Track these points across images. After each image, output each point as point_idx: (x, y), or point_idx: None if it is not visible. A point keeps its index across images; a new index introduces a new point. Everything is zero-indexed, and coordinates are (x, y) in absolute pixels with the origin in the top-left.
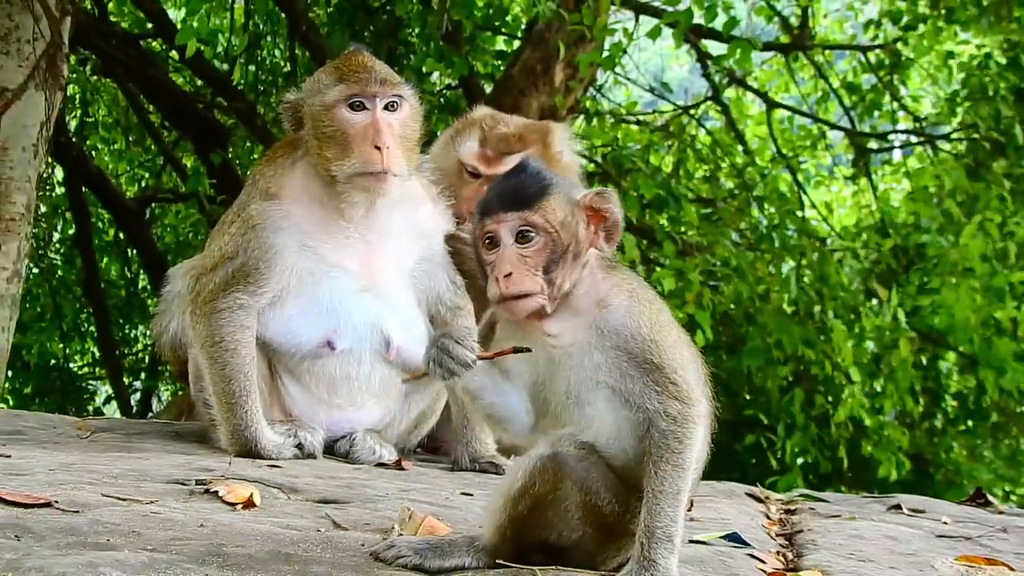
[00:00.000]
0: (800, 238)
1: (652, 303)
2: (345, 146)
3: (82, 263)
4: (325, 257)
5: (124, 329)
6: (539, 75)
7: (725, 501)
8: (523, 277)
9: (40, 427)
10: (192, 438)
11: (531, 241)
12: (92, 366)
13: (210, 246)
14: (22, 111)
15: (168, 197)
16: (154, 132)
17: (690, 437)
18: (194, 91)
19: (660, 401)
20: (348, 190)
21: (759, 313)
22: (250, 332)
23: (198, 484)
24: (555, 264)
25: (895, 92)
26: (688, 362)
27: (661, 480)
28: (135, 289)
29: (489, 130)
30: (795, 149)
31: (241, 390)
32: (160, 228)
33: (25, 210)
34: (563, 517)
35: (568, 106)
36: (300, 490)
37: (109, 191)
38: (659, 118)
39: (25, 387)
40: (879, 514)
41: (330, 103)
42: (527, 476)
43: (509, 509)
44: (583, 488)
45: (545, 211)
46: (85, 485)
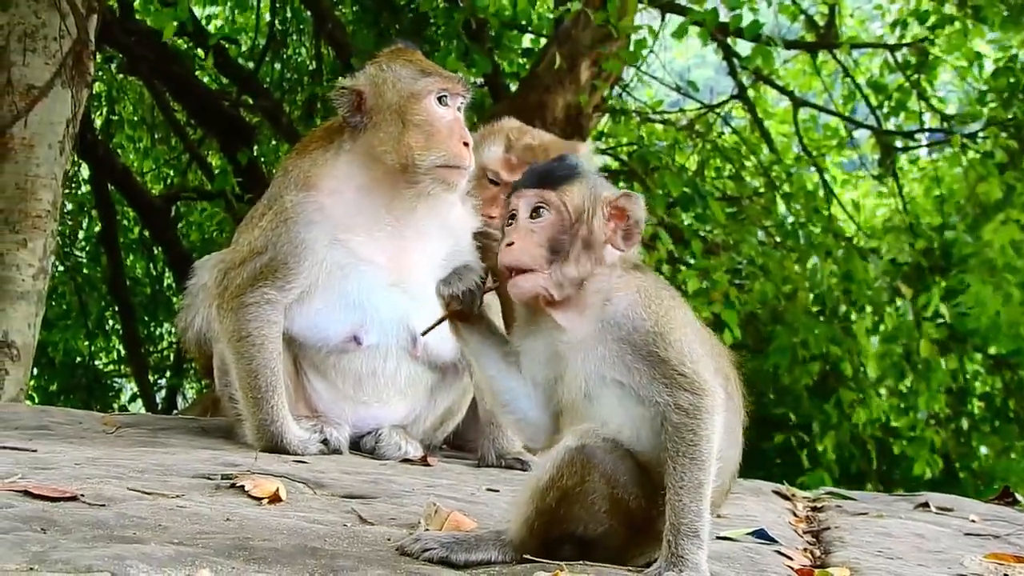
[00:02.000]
0: (826, 236)
1: (663, 299)
2: (431, 137)
3: (107, 261)
4: (355, 251)
5: (149, 327)
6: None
7: (751, 498)
8: (525, 248)
9: (66, 422)
10: (218, 433)
11: (542, 217)
12: (117, 363)
13: (239, 239)
14: (48, 109)
15: (193, 195)
16: (179, 130)
17: (705, 428)
18: (219, 89)
19: (670, 394)
20: (424, 180)
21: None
22: (277, 327)
23: (224, 479)
24: (561, 246)
25: (922, 91)
26: (701, 355)
27: (680, 474)
28: (160, 287)
29: (515, 140)
30: (820, 147)
31: (267, 385)
32: (185, 226)
33: (51, 207)
34: (590, 510)
35: (594, 104)
36: (326, 485)
37: (135, 189)
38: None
39: (50, 384)
40: (907, 512)
41: (419, 93)
42: (555, 468)
43: (536, 502)
44: (611, 481)
45: (563, 193)
46: (111, 479)
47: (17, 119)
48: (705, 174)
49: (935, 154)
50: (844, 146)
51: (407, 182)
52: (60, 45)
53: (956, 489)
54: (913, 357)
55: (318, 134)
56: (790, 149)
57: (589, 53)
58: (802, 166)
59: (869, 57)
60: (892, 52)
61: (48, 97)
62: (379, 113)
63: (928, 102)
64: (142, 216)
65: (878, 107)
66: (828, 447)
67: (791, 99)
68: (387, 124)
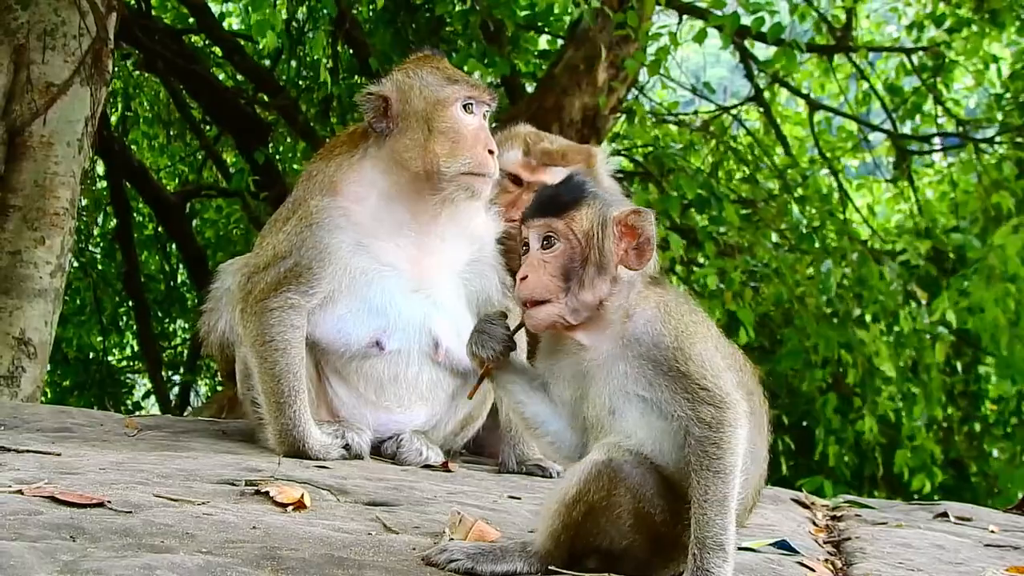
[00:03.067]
0: (841, 240)
1: (683, 314)
2: (456, 144)
3: (122, 257)
4: (379, 256)
5: (163, 323)
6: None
7: (771, 507)
8: (538, 281)
9: (87, 424)
10: (238, 436)
11: (552, 247)
12: (131, 360)
13: (262, 243)
14: (68, 106)
15: (209, 193)
16: (195, 127)
17: (728, 441)
18: (236, 86)
19: (692, 408)
20: (449, 187)
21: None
22: (300, 332)
23: (248, 485)
24: (574, 272)
25: (938, 94)
26: (722, 368)
27: (704, 488)
28: (175, 284)
29: (533, 144)
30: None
31: (290, 390)
32: (200, 223)
33: (69, 205)
34: (616, 524)
35: (611, 106)
36: (349, 492)
37: (150, 186)
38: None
39: (64, 380)
40: (926, 522)
41: (446, 100)
42: (582, 482)
43: (563, 515)
44: (637, 494)
45: (571, 220)
46: (136, 485)
47: (36, 117)
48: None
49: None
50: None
51: (431, 189)
52: (79, 43)
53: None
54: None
55: (343, 139)
56: (805, 152)
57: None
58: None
59: (884, 60)
60: (908, 55)
61: (67, 95)
62: (405, 119)
63: (944, 106)
64: (157, 213)
65: (894, 110)
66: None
67: (807, 102)
68: (413, 131)
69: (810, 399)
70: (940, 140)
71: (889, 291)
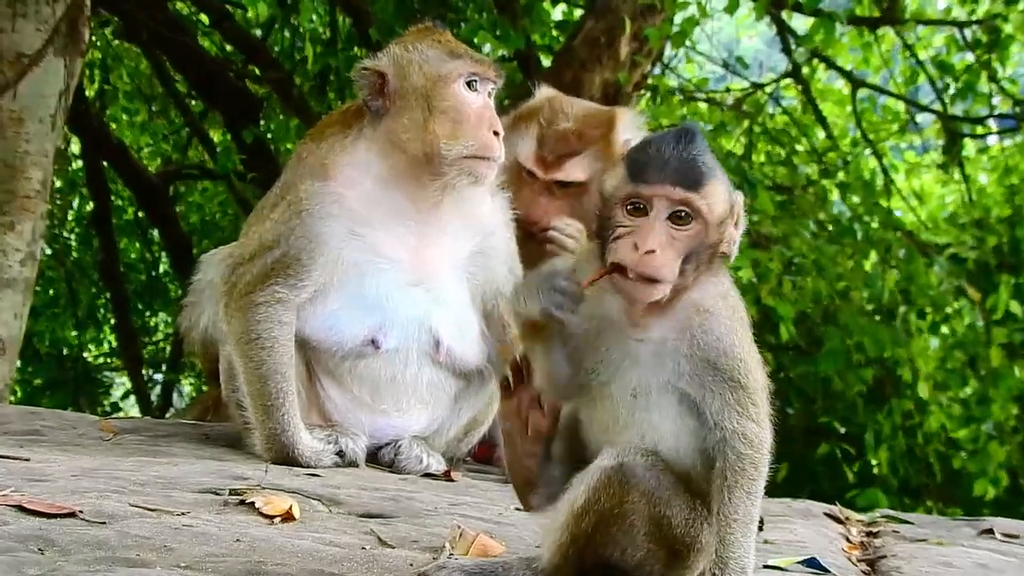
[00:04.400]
0: (886, 231)
1: (744, 318)
2: (459, 125)
3: (99, 244)
4: (375, 246)
5: (144, 317)
6: (603, 48)
7: (801, 521)
8: (666, 260)
9: (59, 427)
10: (222, 441)
11: (687, 225)
12: (109, 357)
13: (248, 232)
14: (40, 79)
15: (194, 173)
16: (180, 102)
17: (764, 464)
18: (224, 58)
19: (739, 422)
20: (450, 171)
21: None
22: (288, 328)
23: (232, 494)
24: (695, 257)
25: (993, 72)
26: (765, 387)
27: (735, 507)
28: (156, 273)
29: (547, 125)
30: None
31: (278, 391)
32: (185, 207)
33: (41, 187)
34: (629, 533)
35: (634, 82)
36: (342, 502)
37: (130, 166)
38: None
39: (35, 378)
40: (969, 539)
41: (447, 76)
42: (591, 491)
43: (571, 527)
44: (652, 499)
45: (710, 198)
46: (111, 493)
47: (5, 90)
48: (752, 159)
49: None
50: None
51: (431, 173)
52: (53, 9)
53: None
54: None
55: (335, 118)
56: (846, 133)
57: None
58: (859, 152)
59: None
60: (961, 29)
61: (39, 67)
62: (403, 97)
63: (999, 84)
64: (138, 196)
65: (944, 90)
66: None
67: (850, 79)
68: (411, 109)
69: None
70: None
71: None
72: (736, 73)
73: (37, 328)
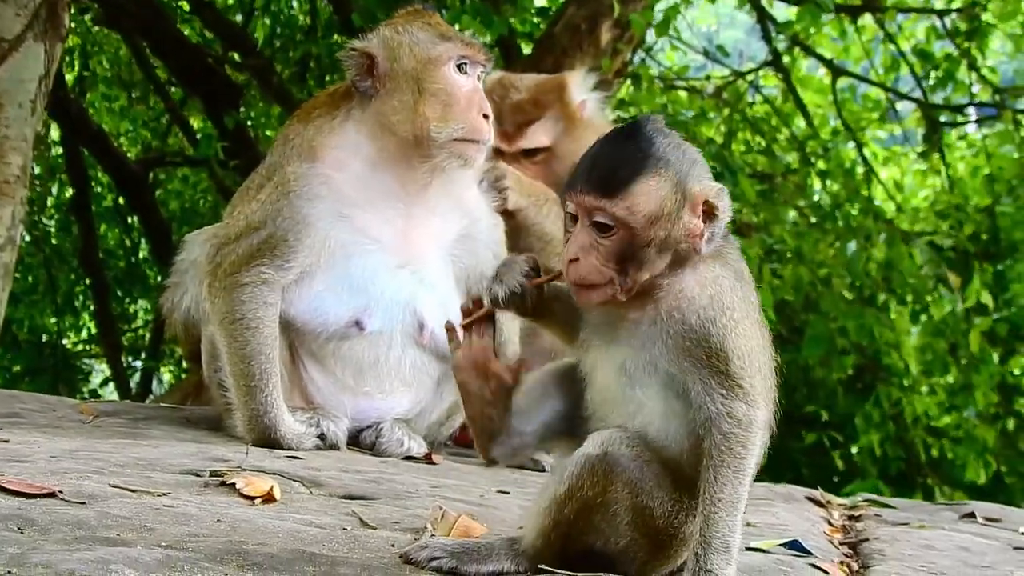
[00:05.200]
0: (866, 218)
1: (737, 305)
2: (448, 107)
3: (79, 230)
4: (361, 228)
5: (123, 303)
6: (584, 35)
7: (783, 505)
8: (589, 267)
9: (39, 409)
10: (203, 424)
11: (609, 232)
12: (88, 343)
13: (233, 212)
14: (19, 64)
15: (174, 160)
16: (160, 89)
17: (753, 442)
18: (204, 45)
19: (725, 403)
20: (440, 154)
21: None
22: (273, 310)
23: (213, 475)
24: (633, 257)
25: (972, 61)
26: (760, 368)
27: (721, 487)
28: (136, 260)
29: (500, 101)
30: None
31: (261, 373)
32: (164, 194)
33: (20, 172)
34: (612, 522)
35: (615, 69)
36: (323, 484)
37: (110, 152)
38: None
39: (14, 365)
40: (951, 523)
41: (438, 59)
42: (574, 477)
43: (554, 513)
44: (635, 489)
45: (632, 203)
46: (91, 474)
47: None
48: (733, 147)
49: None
50: (886, 119)
51: (420, 155)
52: None
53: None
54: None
55: (322, 99)
56: (827, 122)
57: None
58: (840, 140)
59: (913, 21)
60: (941, 17)
61: (19, 52)
62: (392, 79)
63: (979, 73)
64: (117, 182)
65: (923, 77)
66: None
67: (830, 68)
68: (401, 91)
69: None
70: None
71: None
72: (717, 61)
73: (16, 315)
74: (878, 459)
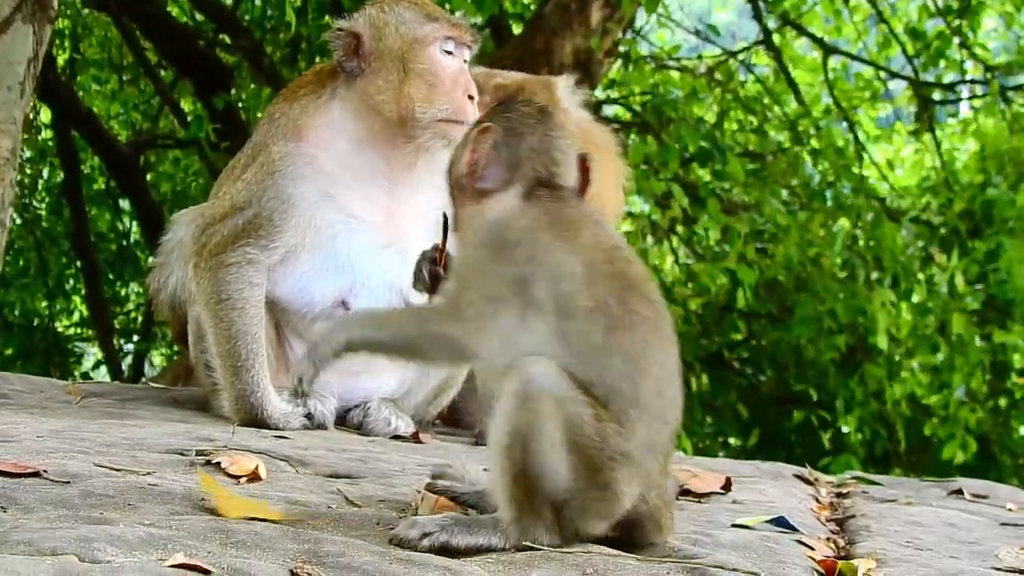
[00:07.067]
0: (857, 197)
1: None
2: (433, 88)
3: (70, 213)
4: (347, 207)
5: (115, 286)
6: (574, 14)
7: (771, 483)
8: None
9: (26, 391)
10: (191, 405)
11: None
12: (80, 326)
13: (219, 193)
14: (8, 46)
15: (166, 143)
16: (150, 71)
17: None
18: (195, 27)
19: None
20: (424, 134)
21: (810, 279)
22: (259, 290)
23: (199, 455)
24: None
25: (964, 39)
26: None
27: None
28: (127, 243)
29: (485, 83)
30: (852, 99)
31: (248, 352)
32: (155, 176)
33: (10, 155)
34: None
35: (605, 49)
36: (309, 463)
37: (101, 135)
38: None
39: (6, 348)
40: (938, 499)
41: (424, 39)
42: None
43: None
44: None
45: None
46: (76, 454)
47: None
48: (725, 127)
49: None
50: (878, 98)
51: (405, 136)
52: None
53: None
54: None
55: (308, 78)
56: (819, 101)
57: None
58: (831, 119)
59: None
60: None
61: (7, 34)
62: (378, 59)
63: (971, 51)
64: (108, 165)
65: (915, 56)
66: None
67: (821, 46)
68: (386, 71)
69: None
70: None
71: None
72: (709, 41)
73: (7, 298)
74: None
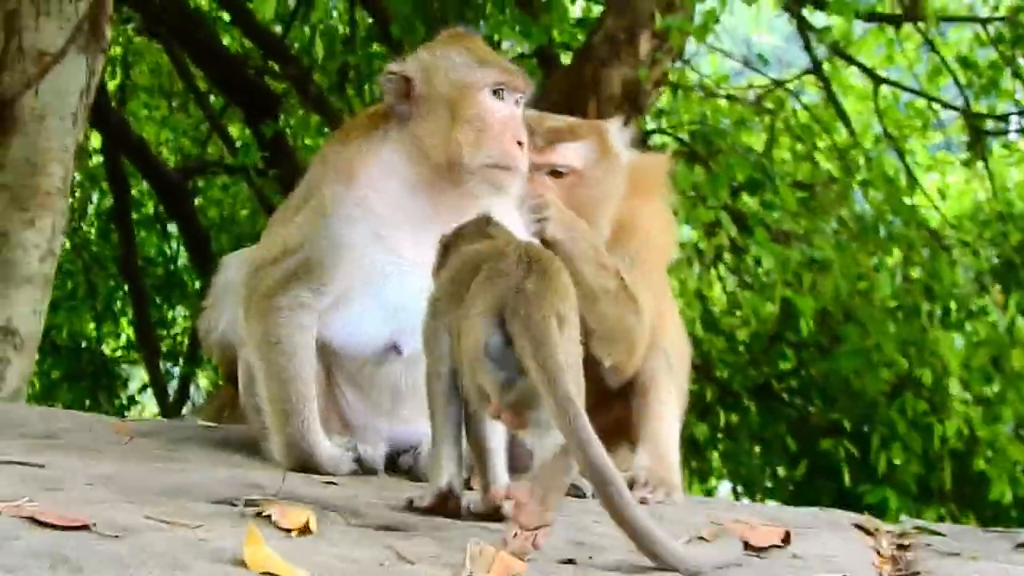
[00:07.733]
0: (909, 228)
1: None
2: (482, 134)
3: (119, 238)
4: (397, 249)
5: (162, 310)
6: (623, 44)
7: (828, 533)
8: None
9: (75, 428)
10: (239, 445)
11: None
12: (127, 350)
13: (271, 234)
14: (62, 77)
15: (214, 169)
16: (200, 98)
17: None
18: (243, 54)
19: None
20: (471, 180)
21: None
22: (310, 333)
23: (248, 505)
24: None
25: (1017, 68)
26: None
27: None
28: (175, 267)
29: (536, 126)
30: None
31: (298, 397)
32: (204, 202)
33: (62, 184)
34: None
35: (655, 79)
36: (361, 514)
37: (150, 161)
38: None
39: (54, 371)
40: (1005, 553)
41: (473, 84)
42: None
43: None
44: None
45: None
46: (125, 504)
47: (27, 88)
48: (774, 155)
49: None
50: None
51: (453, 181)
52: (76, 7)
53: None
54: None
55: (361, 120)
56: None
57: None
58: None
59: (958, 30)
60: (984, 25)
61: (61, 64)
62: (428, 103)
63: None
64: (157, 190)
65: (967, 86)
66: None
67: (871, 76)
68: (436, 116)
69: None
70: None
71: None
72: (755, 69)
73: (55, 321)
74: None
